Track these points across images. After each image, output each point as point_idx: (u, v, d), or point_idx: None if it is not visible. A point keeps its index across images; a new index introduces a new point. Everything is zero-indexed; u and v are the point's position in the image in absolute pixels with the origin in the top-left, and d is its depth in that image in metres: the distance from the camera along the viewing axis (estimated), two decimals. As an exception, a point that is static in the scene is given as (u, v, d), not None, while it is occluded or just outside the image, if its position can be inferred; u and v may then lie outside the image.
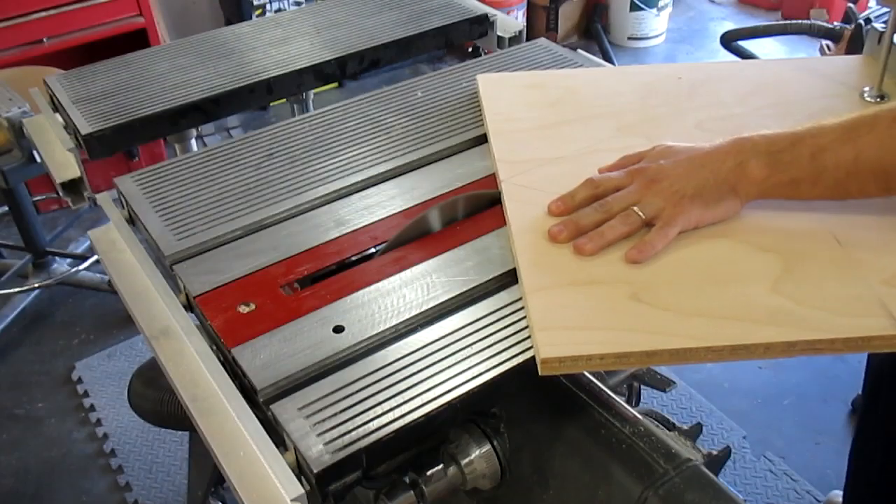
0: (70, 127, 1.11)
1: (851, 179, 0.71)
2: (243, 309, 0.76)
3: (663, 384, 1.10)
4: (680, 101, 0.99)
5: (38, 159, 1.13)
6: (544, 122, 0.97)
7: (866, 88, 0.98)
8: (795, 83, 1.01)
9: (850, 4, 2.58)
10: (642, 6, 3.38)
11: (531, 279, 0.72)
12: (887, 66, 0.97)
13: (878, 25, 0.99)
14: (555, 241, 0.75)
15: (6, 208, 2.20)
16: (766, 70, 1.07)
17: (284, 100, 1.39)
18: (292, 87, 1.22)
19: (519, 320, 0.72)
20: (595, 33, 3.47)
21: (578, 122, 0.96)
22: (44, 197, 2.46)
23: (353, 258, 0.84)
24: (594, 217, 0.76)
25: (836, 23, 1.87)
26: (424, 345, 0.70)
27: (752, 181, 0.73)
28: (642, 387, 1.23)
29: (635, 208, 0.75)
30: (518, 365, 0.67)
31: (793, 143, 0.72)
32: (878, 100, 0.97)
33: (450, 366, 0.68)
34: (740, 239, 0.75)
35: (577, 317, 0.68)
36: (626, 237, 0.75)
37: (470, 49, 1.85)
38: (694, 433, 0.79)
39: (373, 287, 0.77)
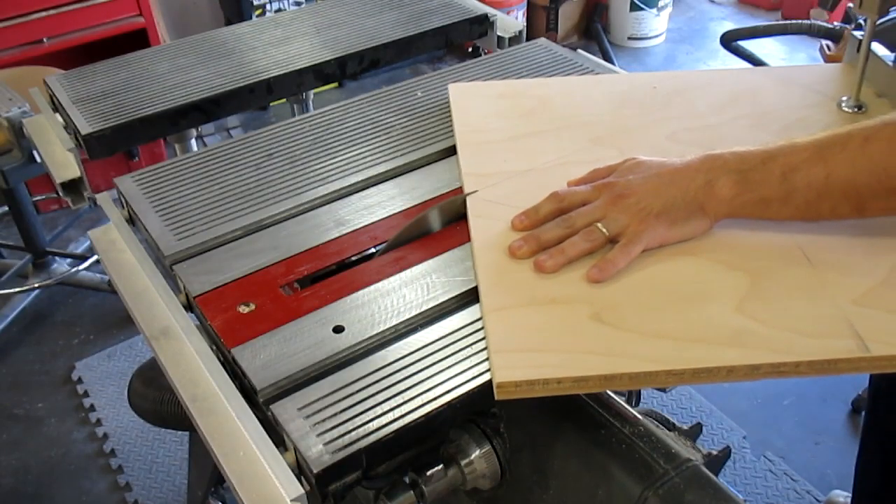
0: (70, 127, 1.11)
1: (823, 200, 0.69)
2: (243, 309, 0.76)
3: (663, 384, 1.10)
4: (654, 112, 0.96)
5: (38, 159, 1.13)
6: (515, 133, 0.95)
7: (844, 98, 0.96)
8: (772, 93, 0.99)
9: (850, 5, 2.58)
10: (642, 6, 3.38)
11: (490, 298, 0.70)
12: (865, 75, 0.95)
13: (858, 34, 0.97)
14: (515, 256, 0.74)
15: (6, 208, 2.20)
16: (742, 79, 1.04)
17: (284, 100, 1.39)
18: (292, 87, 1.22)
19: (519, 320, 0.71)
20: (595, 33, 3.47)
21: (549, 133, 0.94)
22: (44, 197, 2.46)
23: (353, 258, 0.84)
24: (556, 232, 0.74)
25: (836, 23, 1.87)
26: (424, 345, 0.70)
27: (720, 200, 0.71)
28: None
29: (599, 224, 0.73)
30: (518, 365, 0.67)
31: (763, 161, 0.70)
32: (856, 110, 0.94)
33: (450, 366, 0.68)
34: (707, 256, 0.73)
35: (535, 338, 0.66)
36: (589, 254, 0.73)
37: (470, 49, 1.85)
38: (694, 433, 0.79)
39: (373, 287, 0.77)
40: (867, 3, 0.84)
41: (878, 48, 0.98)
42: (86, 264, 2.20)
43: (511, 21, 1.38)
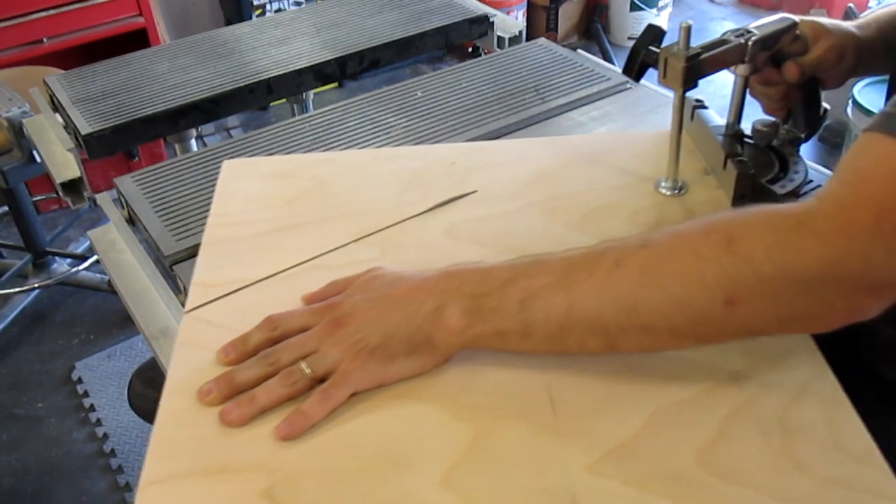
0: (70, 127, 1.11)
1: (567, 334, 0.56)
2: (243, 309, 0.76)
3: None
4: (437, 197, 0.80)
5: (38, 159, 1.13)
6: (273, 225, 0.77)
7: (662, 181, 0.80)
8: (582, 170, 0.83)
9: (850, 4, 2.59)
10: (642, 6, 3.38)
11: (154, 465, 0.54)
12: (696, 144, 0.85)
13: (742, 69, 0.77)
14: (203, 402, 0.58)
15: (6, 208, 2.20)
16: (556, 152, 0.87)
17: (284, 100, 1.39)
18: (292, 87, 1.22)
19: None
20: (595, 33, 3.47)
21: (311, 226, 0.77)
22: (44, 197, 2.46)
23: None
24: (255, 372, 0.59)
25: (835, 23, 1.86)
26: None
27: (449, 331, 0.58)
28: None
29: (303, 363, 0.58)
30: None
31: (504, 283, 0.57)
32: (676, 192, 0.79)
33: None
34: (433, 402, 0.58)
35: None
36: (289, 401, 0.57)
37: (470, 49, 1.85)
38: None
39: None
40: (671, 75, 0.72)
41: (710, 116, 0.84)
42: (86, 264, 2.20)
43: (511, 21, 1.38)
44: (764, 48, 0.75)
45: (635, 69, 0.78)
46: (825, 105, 0.85)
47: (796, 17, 0.77)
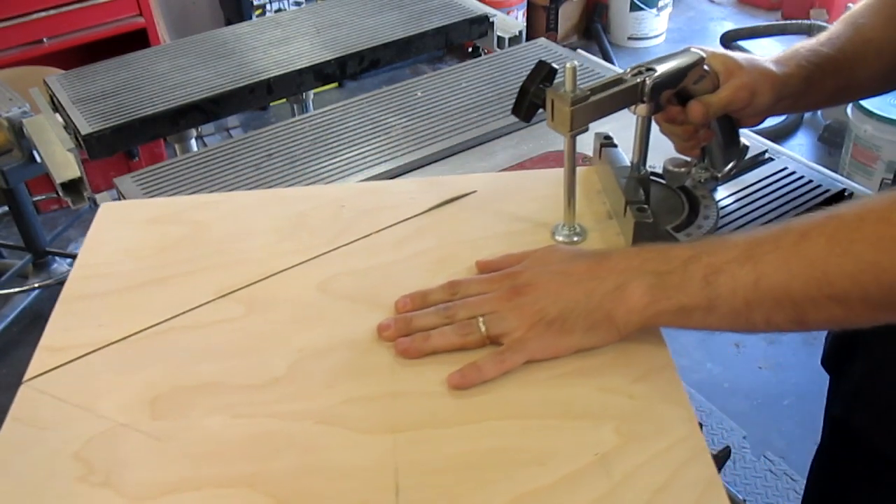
0: (70, 127, 1.11)
1: (753, 309, 0.56)
2: (242, 309, 0.75)
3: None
4: (319, 245, 0.73)
5: (38, 159, 1.13)
6: (139, 279, 0.70)
7: (560, 227, 0.74)
8: (477, 216, 0.77)
9: (850, 4, 2.60)
10: (642, 6, 3.38)
11: None
12: (602, 185, 0.80)
13: (642, 109, 0.71)
14: (381, 336, 0.62)
15: (6, 208, 2.20)
16: (450, 195, 0.80)
17: (284, 100, 1.39)
18: (292, 87, 1.22)
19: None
20: (595, 33, 3.47)
21: (177, 279, 0.70)
22: (44, 197, 2.46)
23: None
24: (432, 320, 0.62)
25: (835, 22, 1.86)
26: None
27: (631, 308, 0.59)
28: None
29: (479, 319, 0.61)
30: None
31: (686, 261, 0.58)
32: (574, 239, 0.73)
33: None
34: (267, 487, 0.52)
35: None
36: (459, 350, 0.60)
37: (470, 49, 1.85)
38: (693, 433, 0.78)
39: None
40: (558, 118, 0.67)
41: (620, 154, 0.78)
42: (86, 264, 2.20)
43: (511, 21, 1.38)
44: (667, 86, 0.70)
45: (523, 110, 0.70)
46: (744, 142, 0.80)
47: (705, 53, 0.72)
